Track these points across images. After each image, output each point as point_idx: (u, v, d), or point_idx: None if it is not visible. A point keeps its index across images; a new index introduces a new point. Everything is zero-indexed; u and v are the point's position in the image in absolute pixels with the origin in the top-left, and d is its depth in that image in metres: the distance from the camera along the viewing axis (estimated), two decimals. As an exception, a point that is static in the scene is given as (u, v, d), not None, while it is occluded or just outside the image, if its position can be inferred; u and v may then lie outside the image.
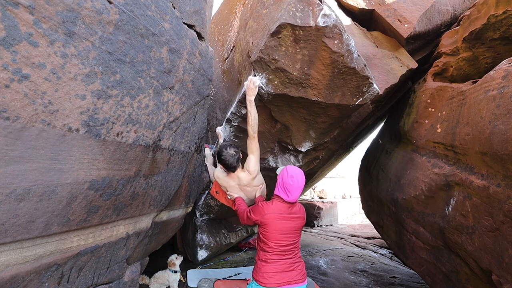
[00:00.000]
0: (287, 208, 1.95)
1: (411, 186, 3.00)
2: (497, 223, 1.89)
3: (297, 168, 2.03)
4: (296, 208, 2.01)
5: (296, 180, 1.94)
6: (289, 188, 1.93)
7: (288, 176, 1.95)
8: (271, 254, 1.92)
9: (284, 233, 1.93)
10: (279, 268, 1.90)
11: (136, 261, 2.31)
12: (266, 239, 1.94)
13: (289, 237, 1.94)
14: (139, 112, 1.70)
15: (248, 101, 2.25)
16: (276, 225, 1.91)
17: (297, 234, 2.00)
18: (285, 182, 1.94)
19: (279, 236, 1.91)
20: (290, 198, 1.93)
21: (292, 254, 1.96)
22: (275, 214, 1.92)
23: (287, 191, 1.93)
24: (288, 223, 1.94)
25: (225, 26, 4.07)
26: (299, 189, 1.95)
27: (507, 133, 1.76)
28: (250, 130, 2.23)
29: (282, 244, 1.92)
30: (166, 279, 3.12)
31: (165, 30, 1.77)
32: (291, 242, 1.95)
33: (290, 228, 1.94)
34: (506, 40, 2.57)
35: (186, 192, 2.72)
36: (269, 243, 1.92)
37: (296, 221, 1.97)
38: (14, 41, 1.06)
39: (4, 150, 1.11)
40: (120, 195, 1.75)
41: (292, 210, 1.97)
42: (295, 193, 1.94)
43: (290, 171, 1.98)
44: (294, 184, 1.92)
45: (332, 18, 2.10)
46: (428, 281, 2.91)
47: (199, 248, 4.03)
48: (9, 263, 1.26)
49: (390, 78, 3.19)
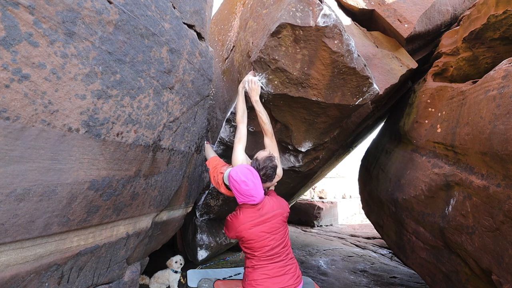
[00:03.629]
0: (257, 211, 1.79)
1: (411, 186, 3.00)
2: (497, 223, 1.89)
3: (240, 169, 1.82)
4: (267, 207, 1.82)
5: (251, 181, 1.77)
6: (249, 192, 1.76)
7: (240, 182, 1.77)
8: (258, 260, 1.77)
9: (265, 238, 1.77)
10: (268, 274, 1.73)
11: (136, 261, 2.30)
12: (249, 249, 1.80)
13: (272, 239, 1.78)
14: (139, 112, 1.70)
15: (254, 102, 2.26)
16: (253, 234, 1.77)
17: (280, 233, 1.82)
18: (242, 190, 1.77)
19: (261, 243, 1.76)
20: (258, 199, 1.78)
21: (282, 256, 1.80)
22: (246, 224, 1.77)
23: (250, 196, 1.77)
24: (263, 226, 1.78)
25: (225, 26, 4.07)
26: (259, 185, 1.79)
27: (507, 133, 1.76)
28: (267, 129, 2.21)
29: (267, 249, 1.76)
30: (166, 279, 3.12)
31: (165, 30, 1.77)
32: (277, 243, 1.79)
33: (268, 230, 1.78)
34: (506, 40, 2.57)
35: (186, 192, 2.72)
36: (254, 252, 1.78)
37: (272, 220, 1.80)
38: (14, 41, 1.06)
39: (4, 150, 1.11)
40: (120, 195, 1.75)
41: (263, 211, 1.80)
42: (258, 192, 1.78)
43: (235, 177, 1.79)
44: (251, 187, 1.76)
45: (332, 18, 2.10)
46: (428, 281, 2.91)
47: (199, 248, 4.03)
48: (9, 263, 1.26)
49: (390, 78, 3.19)
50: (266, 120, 2.24)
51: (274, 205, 1.85)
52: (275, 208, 1.84)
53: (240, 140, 2.18)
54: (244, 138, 2.19)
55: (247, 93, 2.42)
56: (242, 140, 2.18)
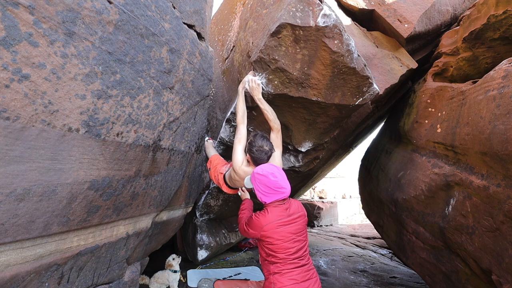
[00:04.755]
0: (285, 211, 1.79)
1: (411, 186, 3.00)
2: (497, 223, 1.89)
3: (263, 166, 1.85)
4: (294, 207, 1.84)
5: (278, 173, 1.79)
6: (278, 184, 1.76)
7: (268, 175, 1.77)
8: (284, 264, 1.71)
9: (290, 240, 1.74)
10: (296, 279, 1.68)
11: (136, 261, 2.30)
12: (274, 252, 1.74)
13: (297, 241, 1.76)
14: (139, 112, 1.70)
15: (258, 100, 2.27)
16: (280, 234, 1.73)
17: (304, 236, 1.82)
18: (271, 183, 1.77)
19: (286, 244, 1.73)
20: (287, 191, 1.78)
21: (305, 259, 1.77)
22: (274, 223, 1.74)
23: (279, 189, 1.77)
24: (290, 227, 1.76)
25: (225, 26, 4.07)
26: (285, 178, 1.82)
27: (507, 133, 1.76)
28: (273, 125, 2.23)
29: (292, 252, 1.73)
30: (166, 279, 3.12)
31: (165, 30, 1.77)
32: (300, 246, 1.76)
33: (294, 232, 1.77)
34: (506, 40, 2.57)
35: (186, 192, 2.72)
36: (278, 255, 1.73)
37: (298, 221, 1.81)
38: (14, 41, 1.06)
39: (4, 150, 1.11)
40: (120, 195, 1.75)
41: (290, 211, 1.80)
42: (287, 184, 1.80)
43: (262, 172, 1.80)
44: (279, 178, 1.78)
45: (332, 18, 2.10)
46: (428, 281, 2.91)
47: (199, 248, 4.02)
48: (9, 263, 1.26)
49: (390, 78, 3.19)
50: (271, 116, 2.25)
51: (299, 206, 1.86)
52: (299, 209, 1.84)
53: (240, 141, 2.19)
54: (244, 139, 2.20)
55: (247, 94, 2.42)
56: (242, 141, 2.19)
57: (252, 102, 2.53)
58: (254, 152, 2.00)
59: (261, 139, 2.03)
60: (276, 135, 2.24)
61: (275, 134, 2.24)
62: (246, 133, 2.24)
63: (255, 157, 2.02)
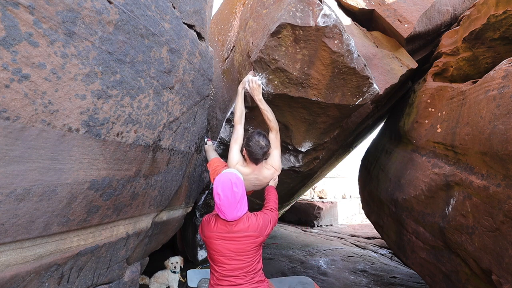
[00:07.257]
0: (228, 226, 1.62)
1: (411, 186, 3.00)
2: (497, 223, 1.89)
3: (224, 179, 1.63)
4: (242, 226, 1.62)
5: (225, 197, 1.57)
6: (219, 207, 1.59)
7: (215, 194, 1.61)
8: (218, 279, 1.63)
9: (228, 256, 1.60)
10: None
11: (136, 261, 2.30)
12: (212, 261, 1.66)
13: (236, 260, 1.60)
14: (139, 112, 1.70)
15: (258, 100, 2.28)
16: (216, 247, 1.62)
17: (248, 257, 1.61)
18: (215, 200, 1.61)
19: (223, 259, 1.61)
20: (228, 217, 1.60)
21: (243, 280, 1.61)
22: (214, 233, 1.63)
23: (219, 211, 1.61)
24: (230, 244, 1.61)
25: (225, 26, 4.07)
26: (234, 204, 1.58)
27: (507, 133, 1.76)
28: (272, 126, 2.24)
29: (226, 269, 1.60)
30: (166, 279, 3.12)
31: (165, 30, 1.76)
32: (240, 266, 1.60)
33: (235, 250, 1.60)
34: (506, 40, 2.57)
35: (186, 192, 2.72)
36: (215, 267, 1.65)
37: (242, 240, 1.60)
38: (14, 41, 1.06)
39: (4, 150, 1.11)
40: (120, 195, 1.75)
41: (235, 228, 1.61)
42: (231, 211, 1.57)
43: (215, 185, 1.63)
44: (223, 203, 1.57)
45: (332, 18, 2.10)
46: (428, 281, 2.91)
47: (199, 248, 4.03)
48: (9, 263, 1.26)
49: (390, 78, 3.19)
50: (271, 117, 2.26)
51: (252, 226, 1.64)
52: (250, 229, 1.63)
53: (237, 141, 2.20)
54: (240, 139, 2.22)
55: (247, 94, 2.42)
56: (238, 141, 2.20)
57: (252, 102, 2.53)
58: (251, 146, 2.01)
59: (259, 135, 2.06)
60: (275, 136, 2.26)
61: (274, 134, 2.26)
62: (243, 134, 2.26)
63: (250, 150, 2.02)
